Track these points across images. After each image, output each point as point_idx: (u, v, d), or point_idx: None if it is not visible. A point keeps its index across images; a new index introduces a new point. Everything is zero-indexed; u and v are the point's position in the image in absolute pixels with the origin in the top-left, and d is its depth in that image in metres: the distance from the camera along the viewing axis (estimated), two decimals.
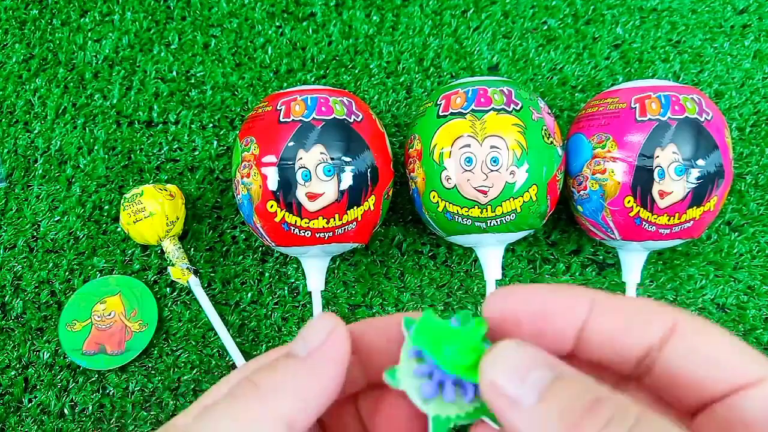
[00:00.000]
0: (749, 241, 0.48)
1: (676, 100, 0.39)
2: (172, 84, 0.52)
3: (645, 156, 0.38)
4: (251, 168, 0.40)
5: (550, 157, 0.40)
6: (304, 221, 0.39)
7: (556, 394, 0.15)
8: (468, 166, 0.39)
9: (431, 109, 0.41)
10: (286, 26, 0.54)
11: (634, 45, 0.53)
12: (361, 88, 0.52)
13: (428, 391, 0.17)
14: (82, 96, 0.52)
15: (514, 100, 0.40)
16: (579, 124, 0.43)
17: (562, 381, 0.15)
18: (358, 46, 0.53)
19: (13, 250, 0.48)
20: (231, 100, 0.52)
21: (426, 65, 0.53)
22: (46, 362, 0.45)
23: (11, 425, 0.44)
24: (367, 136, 0.41)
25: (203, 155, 0.50)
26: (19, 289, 0.47)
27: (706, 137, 0.38)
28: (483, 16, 0.54)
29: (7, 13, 0.54)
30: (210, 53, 0.53)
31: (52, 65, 0.53)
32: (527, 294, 0.18)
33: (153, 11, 0.54)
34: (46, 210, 0.49)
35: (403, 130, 0.51)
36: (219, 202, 0.50)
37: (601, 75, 0.52)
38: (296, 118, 0.39)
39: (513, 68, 0.53)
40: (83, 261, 0.48)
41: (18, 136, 0.51)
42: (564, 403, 0.14)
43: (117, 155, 0.51)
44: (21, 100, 0.52)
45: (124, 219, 0.45)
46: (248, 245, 0.48)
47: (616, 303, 0.17)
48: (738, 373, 0.15)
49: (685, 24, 0.54)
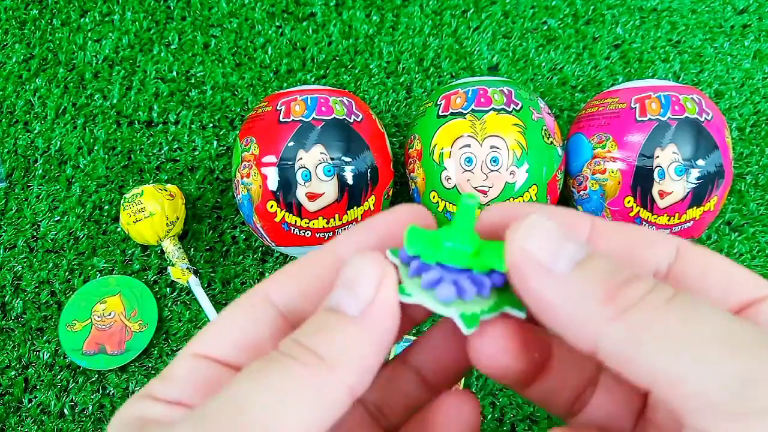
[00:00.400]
0: (749, 241, 0.48)
1: (676, 100, 0.39)
2: (172, 84, 0.52)
3: (645, 156, 0.38)
4: (251, 168, 0.40)
5: (550, 157, 0.40)
6: (304, 221, 0.39)
7: (592, 264, 0.14)
8: (468, 166, 0.39)
9: (431, 109, 0.41)
10: (286, 26, 0.54)
11: (634, 45, 0.53)
12: (361, 88, 0.52)
13: (445, 293, 0.15)
14: (82, 96, 0.52)
15: (514, 100, 0.40)
16: (579, 124, 0.43)
17: (597, 256, 0.14)
18: (358, 46, 0.53)
19: (13, 250, 0.48)
20: (231, 100, 0.52)
21: (426, 65, 0.53)
22: (46, 362, 0.45)
23: (11, 425, 0.44)
24: (367, 136, 0.41)
25: (203, 155, 0.50)
26: (19, 289, 0.47)
27: (706, 137, 0.38)
28: (483, 16, 0.54)
29: (7, 13, 0.54)
30: (210, 53, 0.53)
31: (52, 65, 0.53)
32: (524, 210, 0.16)
33: (153, 11, 0.54)
34: (46, 210, 0.49)
35: (403, 130, 0.51)
36: (219, 202, 0.50)
37: (601, 75, 0.52)
38: (296, 118, 0.39)
39: (513, 68, 0.53)
40: (83, 261, 0.48)
41: (18, 136, 0.51)
42: (601, 274, 0.14)
43: (117, 155, 0.51)
44: (21, 100, 0.52)
45: (124, 219, 0.45)
46: (248, 245, 0.48)
47: (617, 227, 0.16)
48: (749, 289, 0.15)
49: (685, 24, 0.54)
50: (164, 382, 0.16)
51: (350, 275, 0.15)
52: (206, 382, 0.16)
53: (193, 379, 0.16)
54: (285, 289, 0.17)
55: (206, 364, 0.16)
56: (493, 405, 0.45)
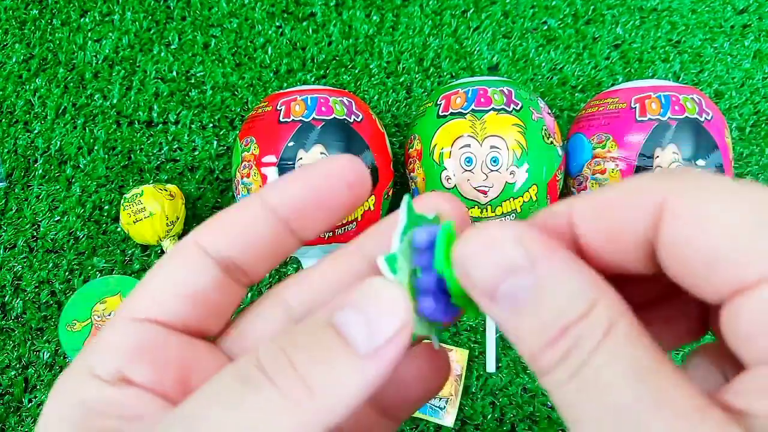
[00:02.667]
0: None
1: (676, 100, 0.39)
2: (172, 84, 0.52)
3: (645, 156, 0.38)
4: (251, 168, 0.40)
5: (550, 157, 0.40)
6: None
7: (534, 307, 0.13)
8: (468, 166, 0.39)
9: (431, 109, 0.41)
10: (286, 26, 0.54)
11: (634, 45, 0.53)
12: (361, 88, 0.52)
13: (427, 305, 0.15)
14: (82, 96, 0.52)
15: (514, 100, 0.40)
16: (579, 124, 0.43)
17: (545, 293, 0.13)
18: (358, 46, 0.53)
19: (13, 250, 0.48)
20: (231, 100, 0.52)
21: (426, 65, 0.53)
22: (46, 362, 0.45)
23: (11, 425, 0.44)
24: (367, 136, 0.41)
25: (203, 155, 0.50)
26: (19, 289, 0.47)
27: (706, 137, 0.38)
28: (483, 16, 0.54)
29: (7, 13, 0.54)
30: (210, 53, 0.53)
31: (52, 65, 0.53)
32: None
33: (153, 11, 0.54)
34: (46, 210, 0.49)
35: (403, 130, 0.51)
36: (219, 202, 0.50)
37: (601, 75, 0.52)
38: (296, 118, 0.39)
39: (513, 68, 0.53)
40: (83, 261, 0.48)
41: (18, 136, 0.51)
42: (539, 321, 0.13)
43: (117, 155, 0.51)
44: (21, 100, 0.52)
45: (124, 219, 0.45)
46: None
47: (594, 202, 0.14)
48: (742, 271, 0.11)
49: (685, 24, 0.54)
50: (102, 353, 0.15)
51: (371, 305, 0.14)
52: (151, 347, 0.15)
53: (135, 345, 0.15)
54: (214, 237, 0.16)
55: (147, 327, 0.15)
56: (493, 405, 0.45)
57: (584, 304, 0.12)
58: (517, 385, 0.45)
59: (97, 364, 0.14)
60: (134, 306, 0.15)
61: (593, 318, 0.12)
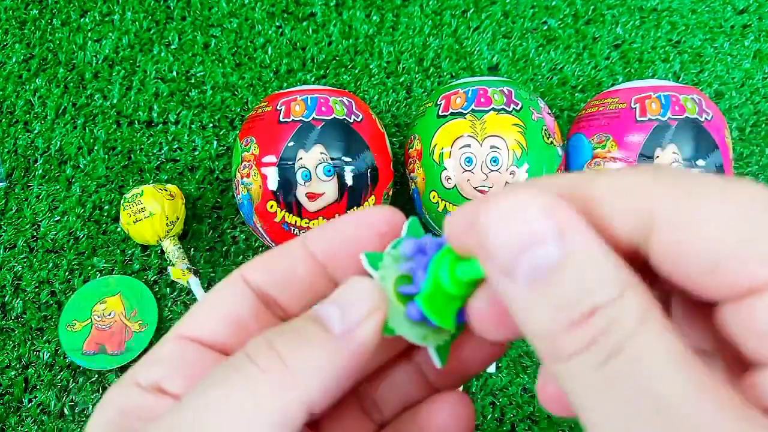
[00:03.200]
0: None
1: (676, 101, 0.39)
2: (172, 84, 0.52)
3: (645, 156, 0.38)
4: (251, 168, 0.40)
5: (550, 157, 0.40)
6: (304, 221, 0.39)
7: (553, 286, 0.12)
8: (468, 166, 0.39)
9: (431, 110, 0.41)
10: (286, 26, 0.54)
11: (634, 45, 0.53)
12: (361, 88, 0.52)
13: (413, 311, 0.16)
14: (82, 96, 0.52)
15: (514, 100, 0.40)
16: (579, 124, 0.43)
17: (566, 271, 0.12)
18: (358, 46, 0.53)
19: (13, 250, 0.48)
20: (231, 100, 0.52)
21: (426, 65, 0.53)
22: (46, 362, 0.45)
23: (11, 425, 0.44)
24: (367, 136, 0.41)
25: (203, 155, 0.50)
26: (19, 289, 0.47)
27: (706, 137, 0.38)
28: (483, 16, 0.54)
29: (7, 13, 0.54)
30: (210, 53, 0.53)
31: (52, 65, 0.53)
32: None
33: (153, 11, 0.54)
34: (46, 210, 0.49)
35: (403, 130, 0.51)
36: (219, 202, 0.50)
37: (601, 75, 0.52)
38: (296, 118, 0.39)
39: (513, 68, 0.53)
40: (83, 261, 0.48)
41: (18, 136, 0.51)
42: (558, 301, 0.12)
43: (117, 155, 0.51)
44: (21, 100, 0.52)
45: (124, 219, 0.45)
46: (248, 245, 0.48)
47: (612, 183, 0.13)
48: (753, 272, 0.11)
49: (685, 24, 0.54)
50: (148, 365, 0.16)
51: (347, 295, 0.15)
52: (189, 363, 0.16)
53: (176, 360, 0.16)
54: (258, 274, 0.17)
55: (190, 346, 0.16)
56: (493, 405, 0.45)
57: (615, 288, 0.11)
58: (517, 385, 0.45)
59: (140, 374, 0.16)
60: (183, 326, 0.17)
61: (626, 304, 0.11)
